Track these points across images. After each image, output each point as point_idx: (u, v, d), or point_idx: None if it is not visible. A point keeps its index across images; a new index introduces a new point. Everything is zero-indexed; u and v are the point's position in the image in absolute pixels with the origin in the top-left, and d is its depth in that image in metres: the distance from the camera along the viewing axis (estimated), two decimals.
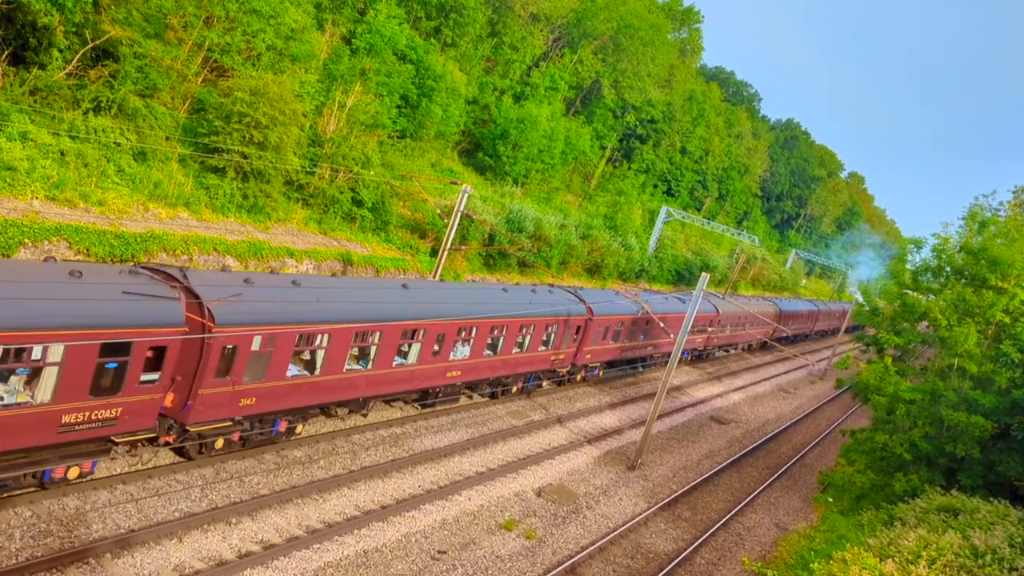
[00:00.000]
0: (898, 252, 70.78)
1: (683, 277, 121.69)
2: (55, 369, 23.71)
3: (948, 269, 55.30)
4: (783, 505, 51.24)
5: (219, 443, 31.70)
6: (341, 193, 60.46)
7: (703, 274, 47.83)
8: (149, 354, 26.44)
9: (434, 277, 53.90)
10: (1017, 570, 30.40)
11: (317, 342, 33.64)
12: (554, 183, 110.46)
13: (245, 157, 50.96)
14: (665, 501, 44.35)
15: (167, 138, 50.32)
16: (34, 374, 23.86)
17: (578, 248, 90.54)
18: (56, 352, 23.51)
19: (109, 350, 24.92)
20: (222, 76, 57.24)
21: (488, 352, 46.72)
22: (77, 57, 46.84)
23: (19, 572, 22.08)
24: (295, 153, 54.98)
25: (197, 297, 28.60)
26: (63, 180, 40.98)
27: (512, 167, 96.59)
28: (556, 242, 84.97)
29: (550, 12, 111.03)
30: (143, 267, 29.49)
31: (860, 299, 77.42)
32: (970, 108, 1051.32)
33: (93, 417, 25.41)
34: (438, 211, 63.05)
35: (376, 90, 71.11)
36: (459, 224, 55.01)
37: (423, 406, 45.14)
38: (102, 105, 47.20)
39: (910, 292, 57.86)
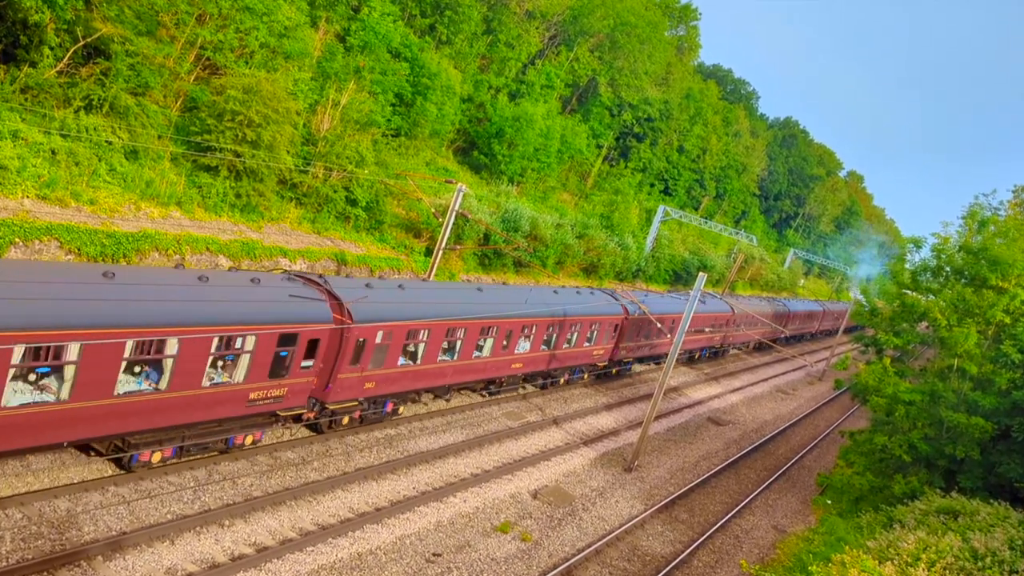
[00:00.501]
0: (897, 252, 70.95)
1: (680, 277, 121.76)
2: (248, 356, 30.65)
3: (948, 269, 55.40)
4: (781, 507, 51.30)
5: (345, 420, 38.76)
6: (335, 192, 60.45)
7: (700, 274, 47.83)
8: (306, 345, 33.18)
9: (428, 277, 54.01)
10: (1017, 573, 30.49)
11: (419, 336, 40.47)
12: (550, 182, 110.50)
13: (238, 156, 50.97)
14: (662, 503, 44.40)
15: (159, 136, 50.34)
16: (235, 360, 30.86)
17: (574, 248, 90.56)
18: (250, 342, 30.49)
19: (283, 341, 31.77)
20: (215, 74, 57.23)
21: (543, 347, 53.59)
22: (68, 55, 46.81)
23: (9, 575, 22.09)
24: (288, 152, 55.00)
25: (337, 299, 35.32)
26: (54, 179, 40.99)
27: (508, 166, 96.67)
28: (552, 242, 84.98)
29: (546, 9, 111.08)
30: (296, 274, 36.38)
31: (861, 299, 77.36)
32: (971, 109, 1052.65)
33: (269, 395, 32.49)
34: (433, 210, 63.04)
35: (370, 88, 71.14)
36: (454, 223, 55.08)
37: (490, 394, 52.01)
38: (93, 103, 47.19)
39: (909, 292, 57.93)
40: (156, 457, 29.51)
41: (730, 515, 46.26)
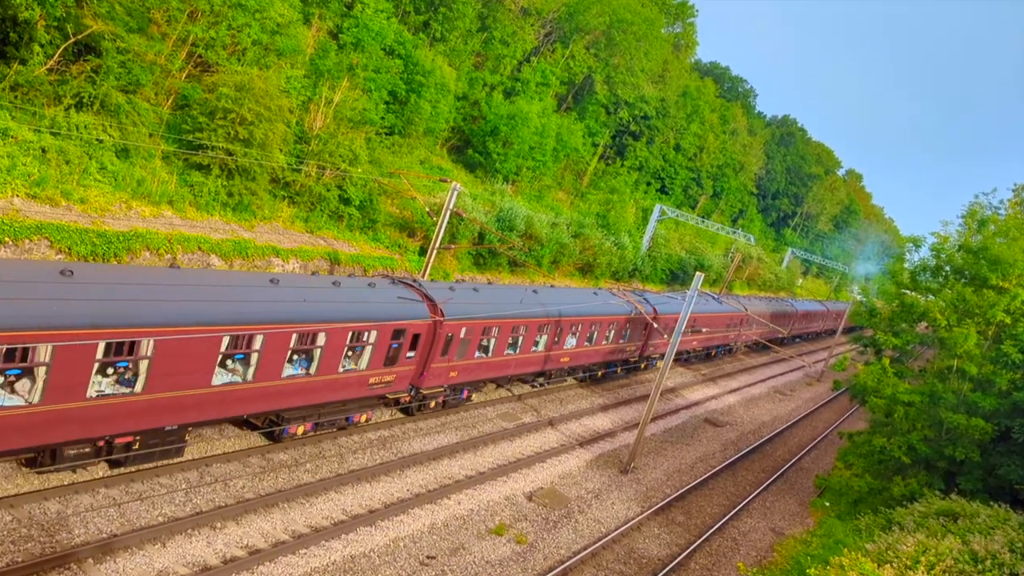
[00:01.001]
0: (896, 251, 71.05)
1: (677, 277, 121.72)
2: (370, 347, 37.49)
3: (947, 268, 55.47)
4: (779, 509, 51.38)
5: (432, 404, 45.43)
6: (328, 191, 60.41)
7: (698, 274, 47.84)
8: (411, 338, 40.03)
9: (423, 277, 54.10)
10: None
11: (492, 332, 47.09)
12: (545, 180, 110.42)
13: (230, 154, 50.95)
14: (659, 505, 44.49)
15: (150, 135, 50.32)
16: (361, 350, 37.50)
17: (570, 247, 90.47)
18: (372, 336, 37.42)
19: (394, 335, 38.58)
20: (206, 71, 57.22)
21: (586, 343, 59.57)
22: (59, 52, 46.77)
23: None
24: (281, 150, 54.93)
25: (432, 300, 41.90)
26: (44, 177, 40.94)
27: (502, 164, 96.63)
28: (547, 241, 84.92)
29: (541, 6, 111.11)
30: (398, 279, 43.40)
31: (862, 298, 77.45)
32: (973, 107, 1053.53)
33: (382, 380, 39.27)
34: (427, 209, 63.11)
35: (364, 86, 71.13)
36: (448, 222, 55.14)
37: (540, 385, 57.81)
38: (84, 101, 47.18)
39: (908, 292, 57.97)
40: (300, 430, 36.22)
41: (727, 517, 46.35)
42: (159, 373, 27.95)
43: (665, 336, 67.65)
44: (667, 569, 37.04)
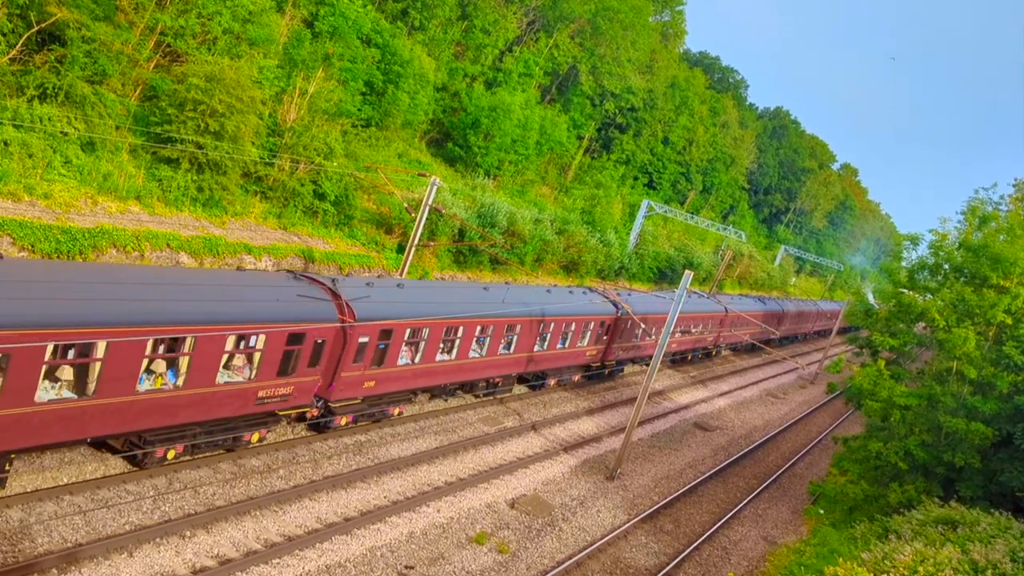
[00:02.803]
0: (893, 248, 71.28)
1: (665, 275, 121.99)
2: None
3: (946, 267, 55.58)
4: (771, 517, 51.63)
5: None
6: (302, 186, 60.45)
7: (687, 272, 47.96)
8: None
9: (401, 275, 54.08)
10: None
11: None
12: (528, 175, 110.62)
13: (200, 147, 50.91)
14: (646, 513, 44.68)
15: (117, 127, 50.23)
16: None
17: (554, 244, 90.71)
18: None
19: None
20: (175, 61, 57.13)
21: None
22: (21, 41, 46.62)
23: None
24: (253, 143, 54.97)
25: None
26: (6, 172, 40.89)
27: (484, 158, 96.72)
28: (530, 238, 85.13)
29: None
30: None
31: (867, 292, 77.37)
32: (974, 98, 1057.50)
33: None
34: (405, 205, 63.11)
35: (340, 76, 71.10)
36: (427, 219, 55.10)
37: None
38: (48, 92, 47.05)
39: (906, 291, 58.09)
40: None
41: (717, 526, 46.56)
42: None
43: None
44: None
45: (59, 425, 26.32)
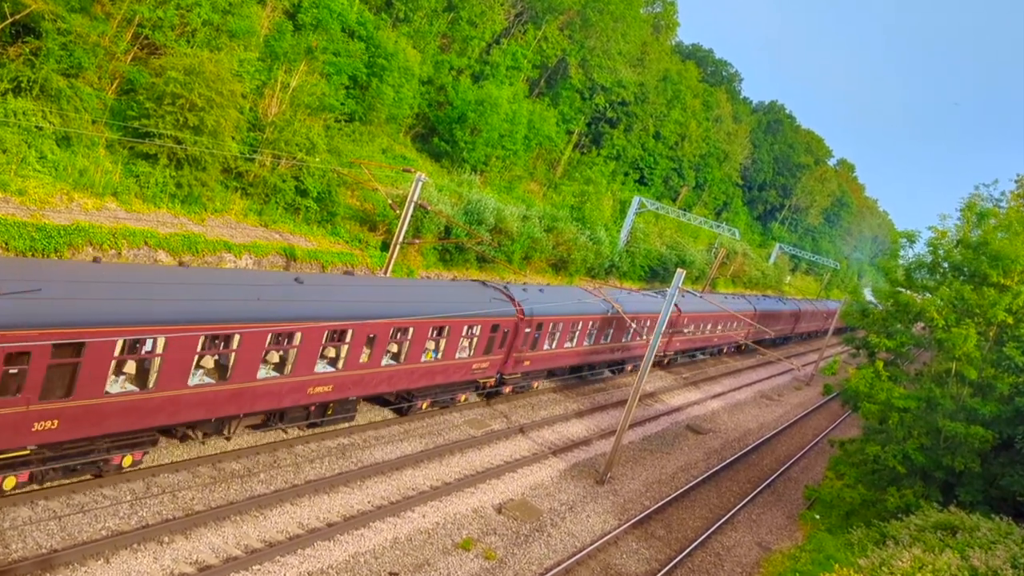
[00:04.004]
0: (890, 247, 71.34)
1: (657, 274, 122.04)
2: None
3: (945, 265, 55.43)
4: (766, 522, 51.71)
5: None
6: (284, 182, 60.34)
7: (679, 271, 47.95)
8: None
9: (385, 273, 54.08)
10: None
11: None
12: (516, 171, 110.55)
13: (179, 142, 50.82)
14: (637, 518, 44.71)
15: (93, 122, 50.14)
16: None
17: (542, 242, 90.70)
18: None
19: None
20: (154, 54, 56.99)
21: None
22: None
23: None
24: (233, 138, 54.86)
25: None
26: None
27: (470, 153, 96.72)
28: (518, 235, 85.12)
29: None
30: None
31: (870, 296, 77.33)
32: (973, 92, 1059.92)
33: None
34: (389, 201, 63.09)
35: (323, 69, 71.03)
36: (412, 216, 55.09)
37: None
38: (22, 86, 46.90)
39: (903, 290, 58.02)
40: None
41: (711, 531, 46.63)
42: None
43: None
44: None
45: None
